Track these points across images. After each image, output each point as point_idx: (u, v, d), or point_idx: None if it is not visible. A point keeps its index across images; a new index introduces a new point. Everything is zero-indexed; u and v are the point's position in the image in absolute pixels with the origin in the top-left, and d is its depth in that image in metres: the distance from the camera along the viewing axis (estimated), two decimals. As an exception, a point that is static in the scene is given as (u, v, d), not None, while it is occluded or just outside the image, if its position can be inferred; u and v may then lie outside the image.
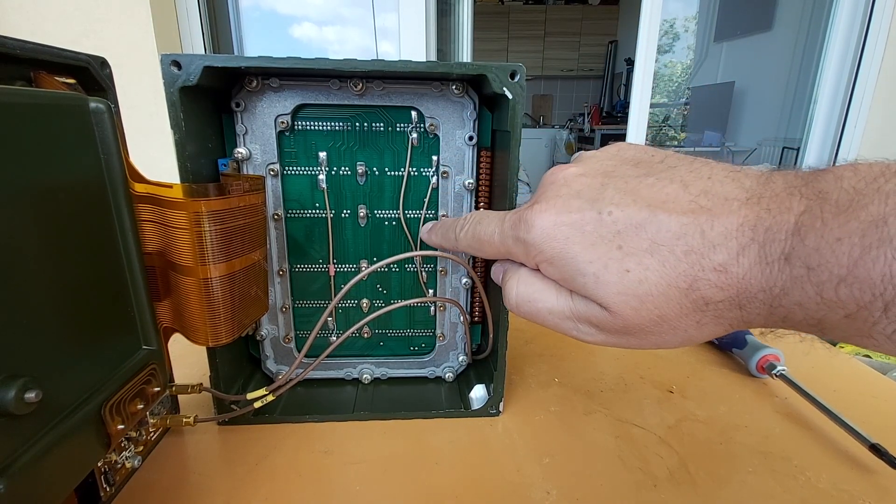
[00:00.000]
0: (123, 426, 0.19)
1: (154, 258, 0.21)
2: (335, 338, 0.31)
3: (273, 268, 0.29)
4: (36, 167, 0.15)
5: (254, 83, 0.26)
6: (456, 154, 0.29)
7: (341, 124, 0.28)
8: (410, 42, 1.28)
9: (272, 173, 0.28)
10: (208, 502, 0.23)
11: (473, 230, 0.22)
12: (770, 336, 0.36)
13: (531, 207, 0.19)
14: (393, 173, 0.29)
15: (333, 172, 0.29)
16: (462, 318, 0.31)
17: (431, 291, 0.32)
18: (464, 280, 0.31)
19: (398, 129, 0.28)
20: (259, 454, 0.26)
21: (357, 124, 0.28)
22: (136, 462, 0.24)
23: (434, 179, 0.29)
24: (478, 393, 0.30)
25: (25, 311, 0.15)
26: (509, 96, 0.24)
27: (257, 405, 0.26)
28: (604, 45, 3.61)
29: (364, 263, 0.30)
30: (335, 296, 0.29)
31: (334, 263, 0.30)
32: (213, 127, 0.27)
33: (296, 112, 0.27)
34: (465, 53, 1.45)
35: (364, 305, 0.31)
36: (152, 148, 0.77)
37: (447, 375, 0.33)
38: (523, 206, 0.20)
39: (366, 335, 0.33)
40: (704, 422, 0.29)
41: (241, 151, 0.27)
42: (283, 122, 0.27)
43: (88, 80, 0.22)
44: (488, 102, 0.28)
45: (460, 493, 0.24)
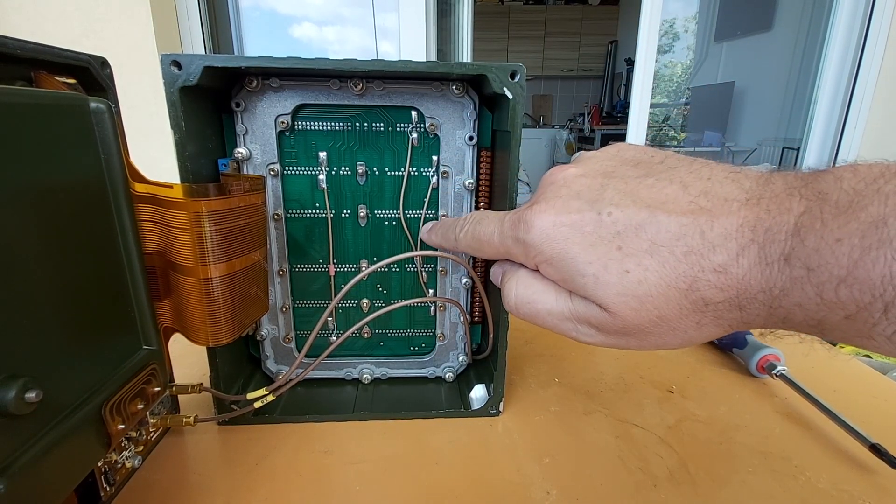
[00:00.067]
0: (123, 426, 0.19)
1: (154, 258, 0.21)
2: (335, 338, 0.31)
3: (273, 268, 0.29)
4: (36, 167, 0.15)
5: (254, 83, 0.26)
6: (456, 154, 0.29)
7: (341, 124, 0.28)
8: (410, 42, 1.28)
9: (272, 173, 0.28)
10: (208, 502, 0.23)
11: (473, 230, 0.22)
12: (770, 337, 0.36)
13: (531, 208, 0.19)
14: (393, 173, 0.29)
15: (333, 172, 0.29)
16: (462, 318, 0.31)
17: (431, 291, 0.32)
18: (464, 280, 0.31)
19: (398, 129, 0.28)
20: (259, 454, 0.26)
21: (357, 124, 0.28)
22: (136, 462, 0.24)
23: (434, 179, 0.29)
24: (478, 393, 0.30)
25: (26, 311, 0.15)
26: (509, 96, 0.24)
27: (257, 405, 0.26)
28: (604, 45, 3.61)
29: (364, 263, 0.30)
30: (335, 296, 0.29)
31: (334, 263, 0.30)
32: (213, 127, 0.27)
33: (296, 112, 0.27)
34: (465, 53, 1.45)
35: (364, 305, 0.31)
36: (152, 148, 0.77)
37: (447, 375, 0.33)
38: (523, 207, 0.19)
39: (366, 335, 0.33)
40: (704, 422, 0.29)
41: (241, 151, 0.27)
42: (284, 122, 0.27)
43: (89, 80, 0.22)
44: (488, 102, 0.28)
45: (460, 493, 0.24)
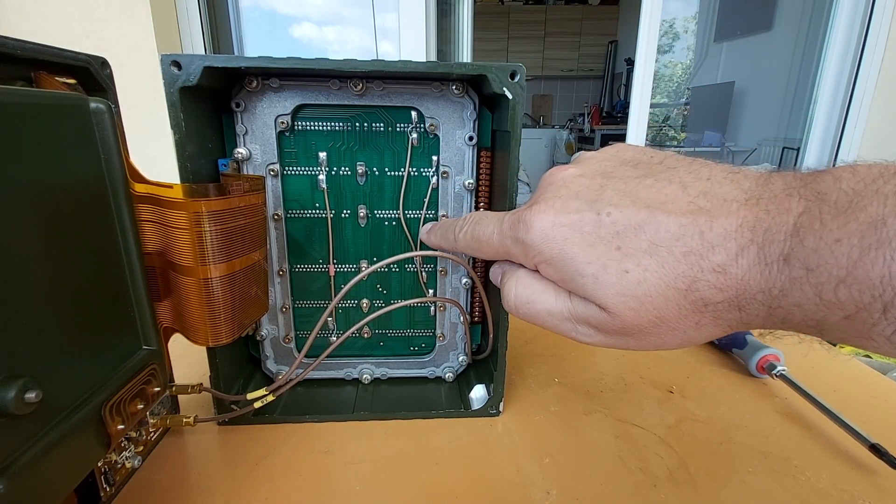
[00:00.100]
0: (123, 426, 0.19)
1: (154, 258, 0.21)
2: (335, 338, 0.31)
3: (273, 268, 0.29)
4: (36, 167, 0.15)
5: (254, 83, 0.26)
6: (456, 154, 0.29)
7: (341, 124, 0.28)
8: (410, 42, 1.28)
9: (272, 173, 0.28)
10: (208, 502, 0.23)
11: (472, 231, 0.22)
12: (769, 337, 0.36)
13: (530, 208, 0.19)
14: (393, 173, 0.29)
15: (333, 172, 0.29)
16: (462, 318, 0.31)
17: (431, 291, 0.32)
18: (464, 280, 0.31)
19: (398, 129, 0.28)
20: (259, 454, 0.26)
21: (357, 124, 0.28)
22: (136, 462, 0.24)
23: (434, 179, 0.29)
24: (478, 393, 0.30)
25: (26, 311, 0.15)
26: (509, 96, 0.24)
27: (257, 405, 0.26)
28: (604, 45, 3.61)
29: (364, 263, 0.30)
30: (335, 296, 0.29)
31: (334, 263, 0.30)
32: (213, 127, 0.27)
33: (296, 112, 0.27)
34: (465, 53, 1.45)
35: (364, 305, 0.31)
36: (152, 148, 0.77)
37: (447, 375, 0.33)
38: (522, 207, 0.19)
39: (366, 335, 0.33)
40: (704, 422, 0.29)
41: (241, 151, 0.27)
42: (283, 123, 0.27)
43: (88, 80, 0.22)
44: (488, 102, 0.28)
45: (460, 493, 0.24)
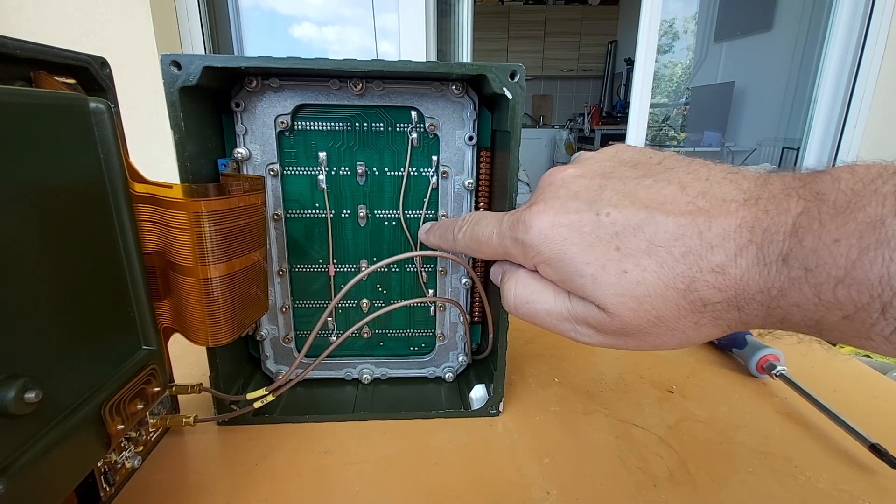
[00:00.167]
0: (123, 426, 0.19)
1: (154, 258, 0.21)
2: (335, 338, 0.31)
3: (273, 268, 0.29)
4: (36, 167, 0.15)
5: (254, 83, 0.26)
6: (456, 154, 0.29)
7: (341, 124, 0.28)
8: (410, 42, 1.28)
9: (272, 173, 0.28)
10: (208, 502, 0.23)
11: (472, 231, 0.22)
12: (768, 337, 0.36)
13: (529, 209, 0.19)
14: (393, 173, 0.29)
15: (333, 172, 0.29)
16: (462, 318, 0.31)
17: (431, 291, 0.32)
18: (464, 280, 0.31)
19: (398, 129, 0.28)
20: (259, 454, 0.26)
21: (357, 124, 0.28)
22: (136, 462, 0.24)
23: (434, 179, 0.29)
24: (478, 393, 0.30)
25: (25, 311, 0.15)
26: (509, 96, 0.24)
27: (257, 405, 0.26)
28: (604, 45, 3.61)
29: (364, 263, 0.30)
30: (335, 296, 0.29)
31: (334, 263, 0.30)
32: (213, 127, 0.27)
33: (296, 112, 0.27)
34: (465, 53, 1.45)
35: (364, 305, 0.31)
36: (152, 148, 0.77)
37: (447, 375, 0.33)
38: (521, 208, 0.20)
39: (366, 335, 0.33)
40: (704, 422, 0.29)
41: (241, 151, 0.27)
42: (283, 122, 0.27)
43: (88, 80, 0.22)
44: (488, 102, 0.28)
45: (460, 493, 0.24)
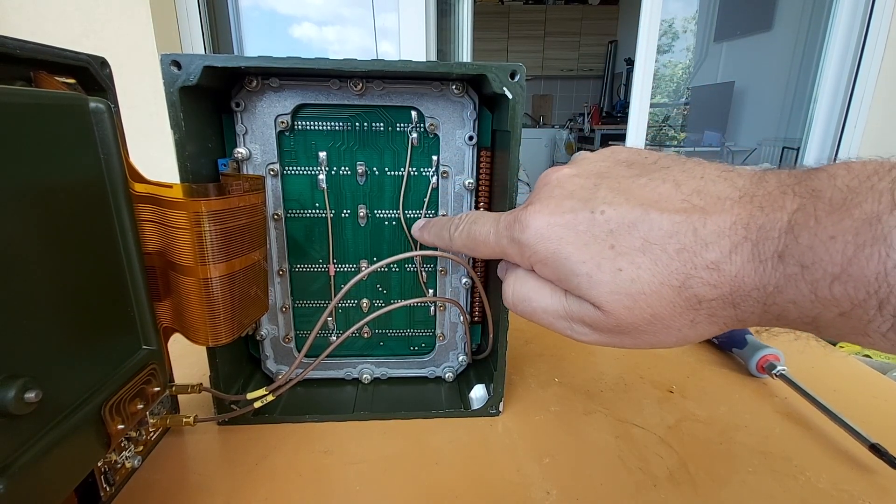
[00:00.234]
0: (123, 426, 0.19)
1: (154, 258, 0.21)
2: (335, 338, 0.31)
3: (273, 268, 0.29)
4: (36, 167, 0.15)
5: (254, 83, 0.26)
6: (456, 154, 0.29)
7: (341, 124, 0.28)
8: (410, 42, 1.28)
9: (272, 173, 0.28)
10: (208, 502, 0.23)
11: (469, 230, 0.22)
12: (765, 334, 0.36)
13: (526, 208, 0.19)
14: (393, 173, 0.29)
15: (333, 172, 0.28)
16: (462, 318, 0.31)
17: (431, 291, 0.32)
18: (464, 280, 0.31)
19: (398, 129, 0.28)
20: (259, 454, 0.26)
21: (357, 124, 0.28)
22: (136, 462, 0.24)
23: (434, 179, 0.29)
24: (478, 393, 0.30)
25: (25, 311, 0.15)
26: (509, 96, 0.24)
27: (257, 405, 0.26)
28: (604, 45, 3.61)
29: (364, 263, 0.30)
30: (335, 296, 0.29)
31: (334, 263, 0.30)
32: (213, 127, 0.27)
33: (296, 112, 0.27)
34: (465, 53, 1.45)
35: (364, 305, 0.31)
36: (152, 148, 0.77)
37: (447, 375, 0.33)
38: (518, 207, 0.20)
39: (366, 335, 0.33)
40: (704, 422, 0.29)
41: (241, 151, 0.27)
42: (283, 122, 0.27)
43: (88, 80, 0.22)
44: (488, 102, 0.28)
45: (460, 493, 0.24)
